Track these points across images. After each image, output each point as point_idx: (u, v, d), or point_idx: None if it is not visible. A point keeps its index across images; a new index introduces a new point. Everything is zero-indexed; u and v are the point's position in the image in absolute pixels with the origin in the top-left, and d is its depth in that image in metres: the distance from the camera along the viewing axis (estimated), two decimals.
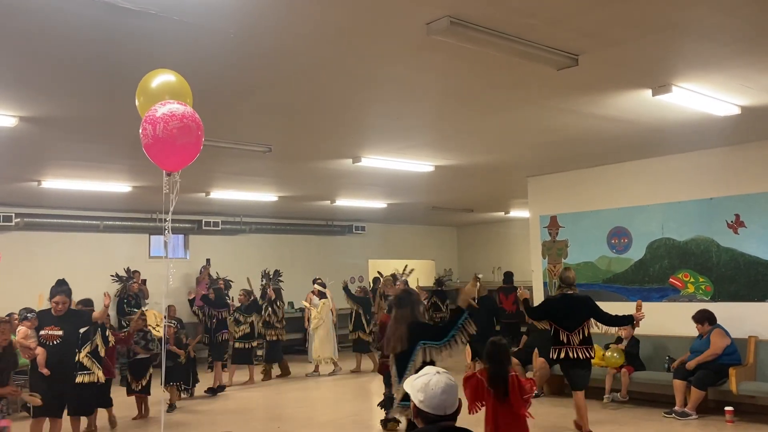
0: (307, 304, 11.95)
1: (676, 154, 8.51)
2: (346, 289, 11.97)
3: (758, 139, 7.76)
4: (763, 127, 7.20)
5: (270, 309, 11.14)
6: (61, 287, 6.73)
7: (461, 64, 4.93)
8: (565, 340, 6.74)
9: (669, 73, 5.32)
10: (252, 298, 11.00)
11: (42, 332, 6.63)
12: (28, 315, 7.17)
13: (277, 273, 12.57)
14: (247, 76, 5.14)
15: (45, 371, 6.50)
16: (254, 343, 10.86)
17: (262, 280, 12.19)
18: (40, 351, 6.56)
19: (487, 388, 4.72)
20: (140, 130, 3.73)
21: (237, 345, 10.60)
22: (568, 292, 6.95)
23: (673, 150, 8.38)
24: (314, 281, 12.13)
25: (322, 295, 11.75)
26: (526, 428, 4.74)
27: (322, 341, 11.43)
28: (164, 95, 3.86)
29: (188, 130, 3.67)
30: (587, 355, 6.76)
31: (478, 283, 8.89)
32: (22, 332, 7.00)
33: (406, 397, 4.52)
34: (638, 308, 6.97)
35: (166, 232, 4.03)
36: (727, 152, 8.10)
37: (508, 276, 13.24)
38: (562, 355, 6.75)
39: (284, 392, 10.08)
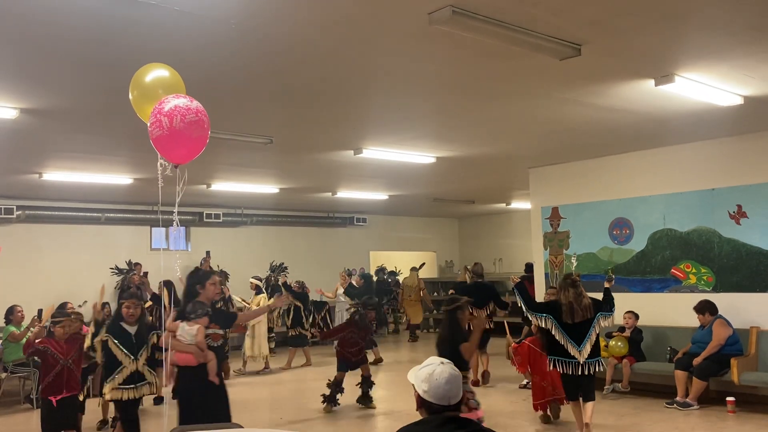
0: (239, 299, 11.71)
1: (678, 144, 8.49)
2: (285, 284, 11.74)
3: (761, 129, 7.74)
4: (765, 117, 7.18)
5: (225, 306, 10.30)
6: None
7: (463, 53, 4.91)
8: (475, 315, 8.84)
9: (672, 63, 5.29)
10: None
11: (209, 331, 5.44)
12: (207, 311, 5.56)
13: (281, 266, 12.59)
14: (247, 66, 5.12)
15: (216, 380, 5.41)
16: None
17: (267, 272, 12.20)
18: (212, 356, 5.42)
19: (539, 352, 6.98)
20: (152, 122, 3.72)
21: None
22: (478, 281, 9.49)
23: (675, 140, 8.36)
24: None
25: (258, 290, 11.47)
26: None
27: (259, 338, 11.07)
28: (158, 89, 3.87)
29: (201, 123, 3.76)
30: (489, 326, 9.08)
31: (467, 273, 10.34)
32: (201, 332, 5.38)
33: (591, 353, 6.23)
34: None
35: (175, 223, 4.05)
36: (730, 142, 8.08)
37: (530, 266, 13.42)
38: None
39: (274, 384, 10.10)
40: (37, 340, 6.10)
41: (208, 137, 3.94)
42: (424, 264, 16.23)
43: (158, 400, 8.43)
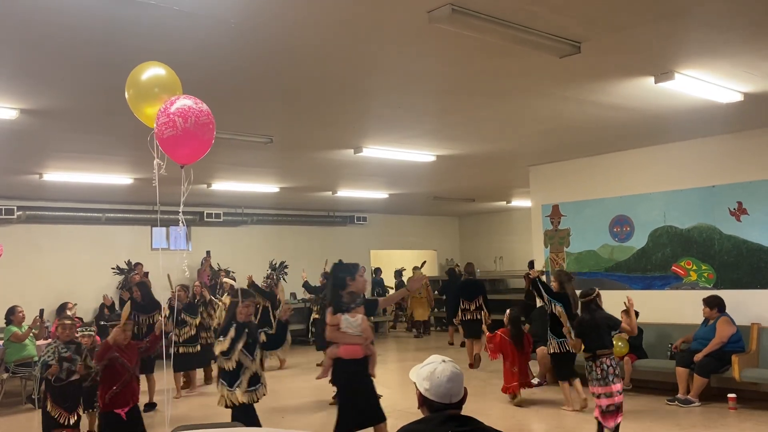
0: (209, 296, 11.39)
1: (679, 141, 8.48)
2: (253, 284, 10.82)
3: (761, 126, 7.73)
4: (766, 114, 7.18)
5: (206, 310, 9.67)
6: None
7: (463, 52, 4.91)
8: (465, 307, 10.38)
9: (672, 60, 5.29)
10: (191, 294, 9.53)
11: None
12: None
13: (282, 264, 12.55)
14: (247, 65, 5.12)
15: (375, 374, 5.35)
16: (198, 347, 9.23)
17: (268, 270, 12.14)
18: (374, 348, 5.37)
19: (509, 341, 7.79)
20: (163, 122, 3.69)
21: (181, 350, 8.90)
22: (470, 278, 10.94)
23: (675, 138, 8.36)
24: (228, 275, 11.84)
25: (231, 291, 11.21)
26: (528, 366, 8.10)
27: None
28: (154, 88, 3.86)
29: (209, 126, 3.78)
30: (478, 316, 10.26)
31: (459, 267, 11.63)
32: (365, 321, 5.36)
33: None
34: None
35: (181, 223, 4.07)
36: (730, 139, 8.07)
37: (532, 264, 13.51)
38: (467, 317, 10.34)
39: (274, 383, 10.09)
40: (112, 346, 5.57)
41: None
42: (425, 262, 16.28)
43: (148, 407, 8.19)
